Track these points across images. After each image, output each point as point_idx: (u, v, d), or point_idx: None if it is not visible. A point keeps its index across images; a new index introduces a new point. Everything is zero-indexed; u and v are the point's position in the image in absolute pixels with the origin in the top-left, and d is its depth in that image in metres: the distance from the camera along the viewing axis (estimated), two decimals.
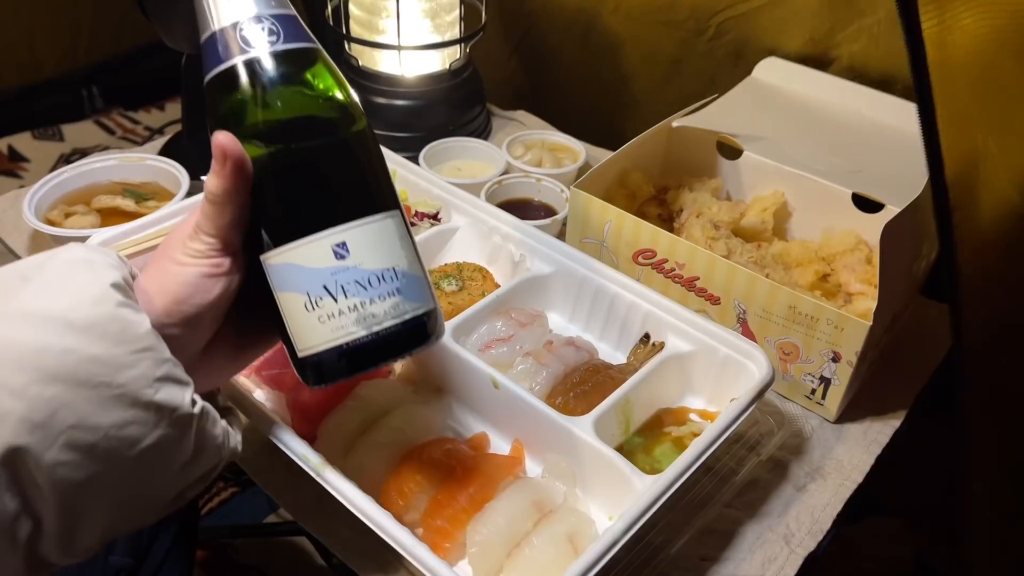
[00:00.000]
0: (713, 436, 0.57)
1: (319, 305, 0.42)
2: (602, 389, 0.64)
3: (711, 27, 1.02)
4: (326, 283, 0.42)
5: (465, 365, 0.65)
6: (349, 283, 0.42)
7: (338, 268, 0.42)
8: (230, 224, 0.42)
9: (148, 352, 0.39)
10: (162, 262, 0.43)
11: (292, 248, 0.42)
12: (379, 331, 0.43)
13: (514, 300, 0.73)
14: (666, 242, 0.73)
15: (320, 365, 0.44)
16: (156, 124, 1.82)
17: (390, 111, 1.00)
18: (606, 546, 0.49)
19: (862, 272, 0.75)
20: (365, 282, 0.43)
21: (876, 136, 0.85)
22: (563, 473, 0.60)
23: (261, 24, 0.42)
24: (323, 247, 0.42)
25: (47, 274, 0.40)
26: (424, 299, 0.46)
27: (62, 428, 0.37)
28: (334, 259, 0.42)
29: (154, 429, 0.39)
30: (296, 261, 0.42)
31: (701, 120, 0.85)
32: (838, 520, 0.64)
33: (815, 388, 0.70)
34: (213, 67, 0.43)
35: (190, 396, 0.41)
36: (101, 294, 0.39)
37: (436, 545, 0.54)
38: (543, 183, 0.91)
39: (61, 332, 0.38)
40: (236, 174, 0.41)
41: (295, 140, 0.43)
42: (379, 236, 0.44)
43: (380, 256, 0.43)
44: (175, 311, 0.42)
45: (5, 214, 0.90)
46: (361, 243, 0.43)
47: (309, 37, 0.45)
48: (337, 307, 0.42)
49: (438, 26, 0.98)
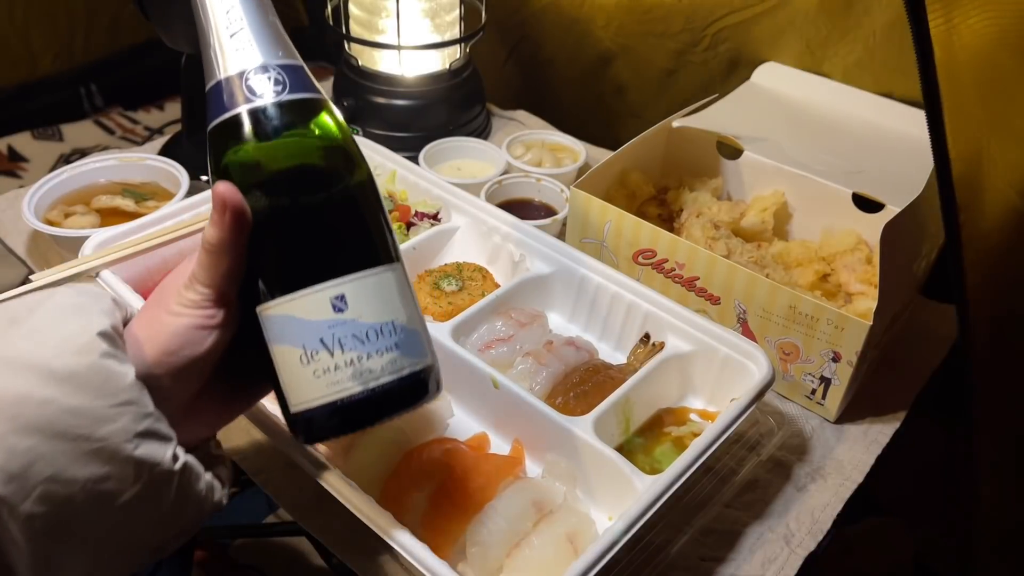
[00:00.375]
0: (713, 436, 0.57)
1: (314, 359, 0.41)
2: (602, 389, 0.64)
3: (706, 37, 1.01)
4: (323, 336, 0.41)
5: (465, 365, 0.65)
6: (347, 337, 0.41)
7: (336, 321, 0.41)
8: (226, 275, 0.41)
9: (130, 406, 0.38)
10: (155, 309, 0.43)
11: (289, 300, 0.41)
12: (375, 387, 0.42)
13: (514, 300, 0.73)
14: (666, 242, 0.73)
15: (312, 421, 0.43)
16: (156, 124, 1.82)
17: (390, 111, 1.00)
18: (606, 546, 0.49)
19: (862, 272, 0.75)
20: (363, 336, 0.42)
21: (876, 137, 0.85)
22: (563, 473, 0.60)
23: (267, 74, 0.42)
24: (322, 299, 0.41)
25: (36, 319, 0.39)
26: (423, 355, 0.44)
27: (38, 480, 0.36)
28: (332, 312, 0.41)
29: (133, 485, 0.39)
30: (293, 313, 0.41)
31: (701, 120, 0.85)
32: (838, 520, 0.64)
33: (815, 388, 0.70)
34: (216, 116, 0.42)
35: (171, 452, 0.40)
36: (86, 343, 0.38)
37: (436, 545, 0.54)
38: (543, 183, 0.91)
39: (42, 381, 0.37)
40: (235, 225, 0.40)
41: (296, 191, 0.42)
42: (379, 289, 0.43)
43: (379, 310, 0.42)
44: (164, 362, 0.41)
45: (4, 214, 0.90)
46: (360, 296, 0.42)
47: (313, 87, 0.44)
48: (333, 361, 0.41)
49: (438, 26, 0.98)
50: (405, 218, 0.83)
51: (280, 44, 0.43)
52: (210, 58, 0.42)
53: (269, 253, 0.42)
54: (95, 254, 0.69)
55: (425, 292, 0.75)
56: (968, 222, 0.54)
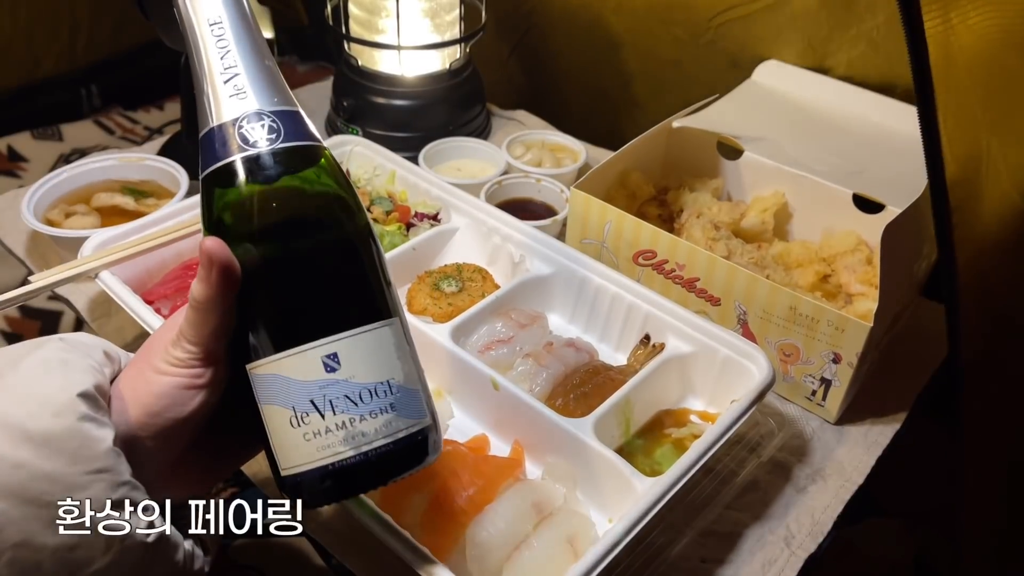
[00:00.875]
0: (713, 438, 0.57)
1: (305, 421, 0.39)
2: (602, 391, 0.63)
3: (710, 29, 1.01)
4: (313, 397, 0.39)
5: (465, 366, 0.65)
6: (338, 398, 0.39)
7: (328, 381, 0.39)
8: (213, 333, 0.40)
9: (104, 474, 0.37)
10: (142, 366, 0.41)
11: (279, 359, 0.39)
12: (368, 451, 0.40)
13: (514, 301, 0.73)
14: (666, 243, 0.73)
15: (303, 486, 0.41)
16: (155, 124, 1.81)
17: (390, 111, 1.00)
18: (606, 548, 0.49)
19: (863, 273, 0.75)
20: (356, 397, 0.39)
21: (877, 137, 0.85)
22: (563, 475, 0.60)
23: (260, 122, 0.40)
24: (312, 358, 0.39)
25: (19, 373, 0.38)
26: (420, 415, 0.42)
27: (6, 545, 0.35)
28: (324, 371, 0.39)
29: (104, 554, 0.37)
30: (283, 372, 0.39)
31: (701, 120, 0.85)
32: (838, 521, 0.64)
33: (816, 389, 0.70)
34: (208, 164, 0.41)
35: (146, 522, 0.39)
36: (65, 404, 0.37)
37: (435, 547, 0.54)
38: (543, 183, 0.91)
39: (16, 443, 0.36)
40: (222, 281, 0.38)
41: (286, 244, 0.40)
42: (374, 347, 0.41)
43: (374, 369, 0.40)
44: (148, 424, 0.40)
45: (4, 214, 0.90)
46: (354, 354, 0.40)
47: (308, 135, 0.42)
48: (324, 424, 0.39)
49: (438, 26, 0.98)
50: (405, 218, 0.82)
51: (276, 90, 0.41)
52: (203, 104, 0.41)
53: (258, 309, 0.40)
54: (95, 255, 0.69)
55: (425, 293, 0.75)
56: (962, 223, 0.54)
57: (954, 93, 0.51)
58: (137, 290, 0.68)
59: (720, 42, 1.01)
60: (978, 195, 0.56)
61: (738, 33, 0.99)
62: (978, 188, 0.55)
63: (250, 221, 0.40)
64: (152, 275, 0.73)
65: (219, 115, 0.40)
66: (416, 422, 0.42)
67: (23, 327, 1.36)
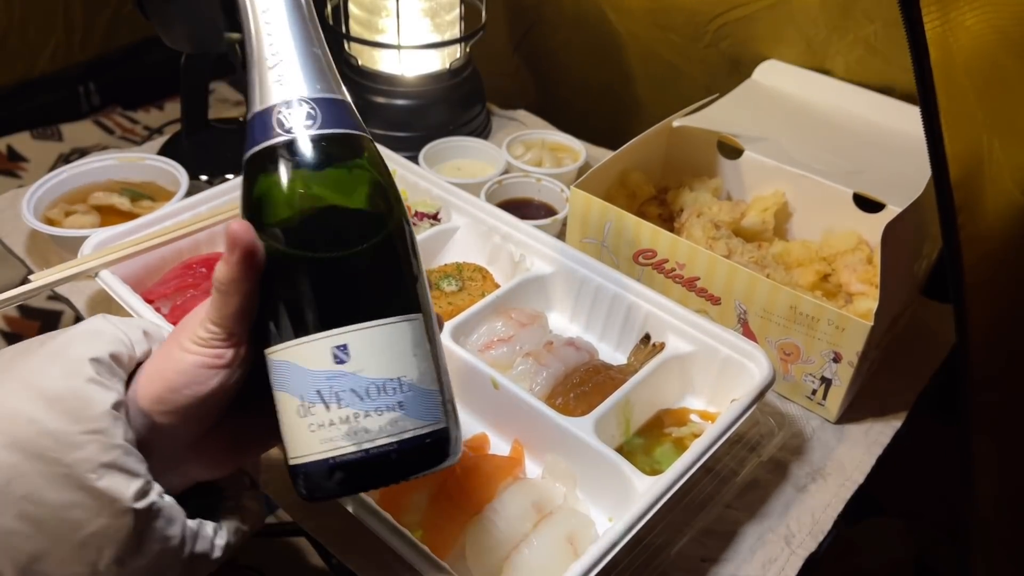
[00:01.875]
0: (714, 437, 0.57)
1: (311, 412, 0.39)
2: (602, 390, 0.63)
3: (708, 33, 1.01)
4: (320, 388, 0.39)
5: (465, 365, 0.65)
6: (344, 391, 0.38)
7: (335, 373, 0.38)
8: (235, 314, 0.40)
9: (98, 435, 0.38)
10: (171, 344, 0.42)
11: (292, 346, 0.39)
12: (370, 448, 0.39)
13: (514, 300, 0.73)
14: (666, 242, 0.73)
15: (308, 477, 0.40)
16: (155, 124, 1.81)
17: (390, 111, 1.00)
18: (606, 547, 0.49)
19: (863, 272, 0.75)
20: (363, 392, 0.39)
21: (877, 136, 0.85)
22: (563, 474, 0.60)
23: (298, 108, 0.40)
24: (322, 348, 0.39)
25: (58, 341, 0.40)
26: (432, 417, 0.41)
27: (16, 497, 0.37)
28: (332, 362, 0.39)
29: (97, 517, 0.38)
30: (294, 360, 0.39)
31: (701, 120, 0.85)
32: (839, 521, 0.64)
33: (816, 389, 0.70)
34: (246, 149, 0.41)
35: (136, 488, 0.38)
36: (75, 367, 0.39)
37: (436, 546, 0.54)
38: (543, 183, 0.91)
39: (34, 401, 0.38)
40: (243, 264, 0.39)
41: (310, 234, 0.40)
42: (389, 341, 0.39)
43: (386, 364, 0.39)
44: (167, 399, 0.40)
45: (4, 214, 0.90)
46: (366, 348, 0.39)
47: (349, 123, 0.42)
48: (328, 416, 0.39)
49: (438, 25, 0.98)
50: None
51: (320, 77, 0.41)
52: (252, 88, 0.41)
53: (278, 294, 0.40)
54: (94, 254, 0.69)
55: None
56: (967, 223, 0.54)
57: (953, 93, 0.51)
58: (137, 289, 0.68)
59: (720, 43, 1.01)
60: (981, 194, 0.56)
61: (738, 34, 0.99)
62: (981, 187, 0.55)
63: (274, 207, 0.40)
64: (152, 274, 0.73)
65: (262, 100, 0.41)
66: (428, 424, 0.40)
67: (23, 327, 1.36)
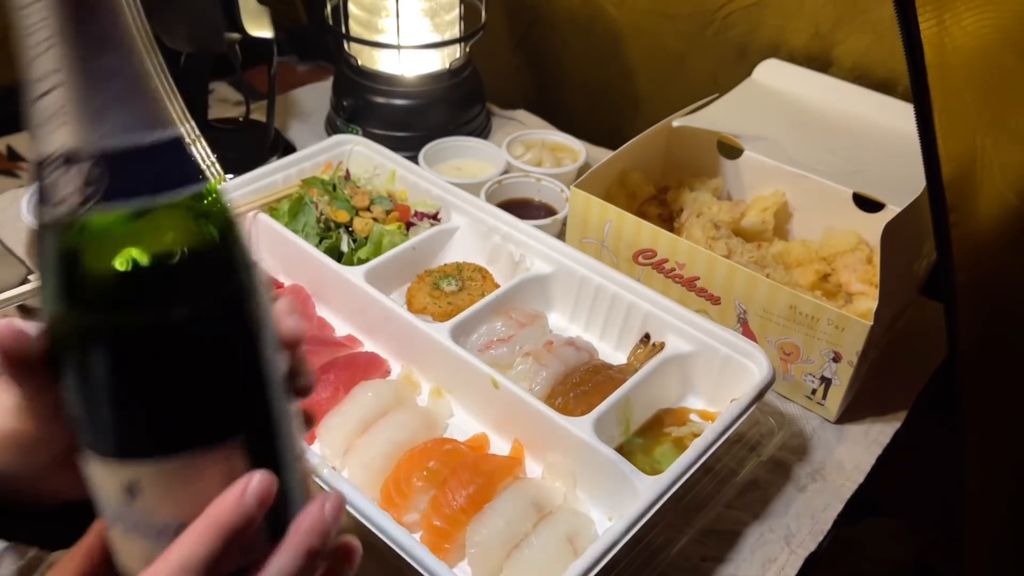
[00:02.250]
0: (713, 437, 0.57)
1: (112, 527, 0.32)
2: (602, 389, 0.63)
3: (716, 20, 1.01)
4: (113, 515, 0.31)
5: (465, 365, 0.65)
6: (139, 526, 0.31)
7: (124, 510, 0.30)
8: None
9: None
10: None
11: (87, 454, 0.30)
12: None
13: (514, 300, 0.73)
14: (666, 242, 0.73)
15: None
16: None
17: (390, 111, 1.00)
18: (606, 547, 0.49)
19: (863, 272, 0.75)
20: (154, 535, 0.30)
21: (877, 136, 0.85)
22: (563, 474, 0.60)
23: (79, 168, 0.28)
24: (112, 481, 0.30)
25: None
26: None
27: None
28: (123, 497, 0.30)
29: None
30: (89, 473, 0.31)
31: (702, 120, 0.85)
32: (839, 520, 0.64)
33: (816, 388, 0.70)
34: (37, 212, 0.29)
35: None
36: None
37: (436, 546, 0.54)
38: (543, 183, 0.91)
39: None
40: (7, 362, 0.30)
41: (85, 327, 0.28)
42: (189, 480, 0.30)
43: (182, 507, 0.30)
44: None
45: (4, 214, 0.90)
46: (157, 487, 0.30)
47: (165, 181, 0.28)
48: (127, 541, 0.31)
49: (438, 25, 0.98)
50: (405, 218, 0.82)
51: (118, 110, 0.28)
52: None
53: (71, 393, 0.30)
54: None
55: (425, 292, 0.75)
56: (959, 222, 0.54)
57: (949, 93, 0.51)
58: None
59: (728, 31, 1.01)
60: (974, 194, 0.56)
61: (747, 21, 0.99)
62: (973, 187, 0.55)
63: (58, 289, 0.29)
64: None
65: (39, 146, 0.29)
66: None
67: None
